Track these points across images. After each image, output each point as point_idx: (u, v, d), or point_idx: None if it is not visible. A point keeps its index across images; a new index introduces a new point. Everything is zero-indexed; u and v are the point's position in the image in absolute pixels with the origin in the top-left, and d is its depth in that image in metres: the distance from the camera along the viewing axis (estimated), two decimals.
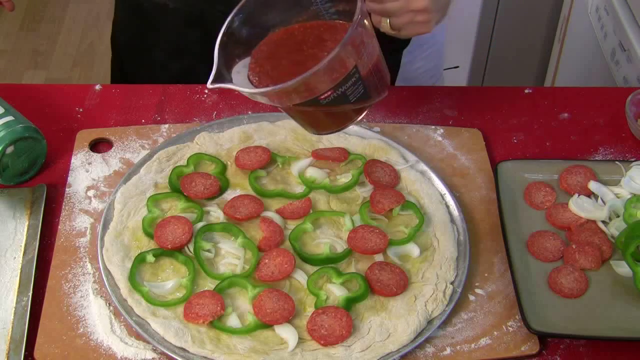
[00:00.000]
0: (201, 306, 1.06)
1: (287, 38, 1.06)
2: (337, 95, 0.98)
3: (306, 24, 1.06)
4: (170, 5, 1.44)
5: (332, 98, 0.99)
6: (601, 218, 1.20)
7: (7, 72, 3.26)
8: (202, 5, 1.42)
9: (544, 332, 1.06)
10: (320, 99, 0.98)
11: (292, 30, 1.07)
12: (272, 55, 1.05)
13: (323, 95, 0.98)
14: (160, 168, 1.24)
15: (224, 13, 1.41)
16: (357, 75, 0.98)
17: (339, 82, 0.97)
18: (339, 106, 1.01)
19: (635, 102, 1.37)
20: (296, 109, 1.04)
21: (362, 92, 1.01)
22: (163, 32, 1.50)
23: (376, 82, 1.04)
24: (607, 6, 1.99)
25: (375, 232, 1.16)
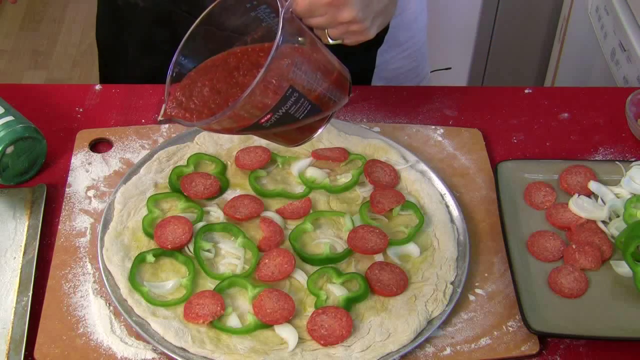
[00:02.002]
0: (201, 306, 1.06)
1: (221, 64, 1.04)
2: (279, 116, 0.96)
3: (247, 47, 1.04)
4: (140, 5, 1.47)
5: (275, 120, 0.97)
6: (601, 218, 1.20)
7: (7, 72, 3.26)
8: (169, 5, 1.44)
9: (544, 332, 1.06)
10: (260, 123, 0.97)
11: (229, 55, 1.04)
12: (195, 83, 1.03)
13: (262, 119, 0.96)
14: (160, 168, 1.24)
15: (188, 13, 1.43)
16: (297, 94, 0.96)
17: (275, 106, 0.95)
18: (288, 125, 1.00)
19: (635, 102, 1.37)
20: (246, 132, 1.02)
21: (310, 107, 0.99)
22: (135, 30, 1.53)
23: (326, 94, 1.01)
24: (607, 6, 1.99)
25: (375, 232, 1.16)
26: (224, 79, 1.02)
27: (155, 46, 1.53)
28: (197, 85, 1.02)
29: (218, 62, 1.04)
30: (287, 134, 1.04)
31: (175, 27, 1.47)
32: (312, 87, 0.98)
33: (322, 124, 1.05)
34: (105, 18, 1.59)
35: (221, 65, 1.03)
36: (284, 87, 0.94)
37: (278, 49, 0.91)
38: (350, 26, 1.06)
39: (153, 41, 1.52)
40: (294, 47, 0.96)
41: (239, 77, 1.01)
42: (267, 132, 1.01)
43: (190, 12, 1.42)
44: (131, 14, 1.50)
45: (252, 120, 0.96)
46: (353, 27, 1.06)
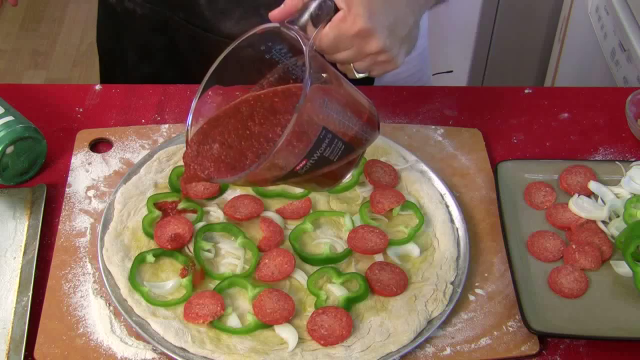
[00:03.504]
0: (201, 306, 1.06)
1: (233, 114, 1.00)
2: (314, 160, 0.93)
3: (259, 94, 1.00)
4: (138, 12, 1.48)
5: (311, 165, 0.93)
6: (601, 218, 1.20)
7: (7, 72, 3.26)
8: (166, 12, 1.45)
9: (544, 332, 1.06)
10: (296, 170, 0.93)
11: (241, 104, 1.00)
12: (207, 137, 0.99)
13: (298, 166, 0.92)
14: (160, 168, 1.24)
15: (186, 21, 1.43)
16: (330, 134, 0.92)
17: (310, 150, 0.91)
18: (323, 168, 0.95)
19: (635, 102, 1.37)
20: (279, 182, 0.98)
21: (344, 147, 0.95)
22: (134, 37, 1.54)
23: (358, 131, 0.97)
24: (607, 6, 1.99)
25: (375, 232, 1.16)
26: (235, 130, 0.98)
27: (153, 53, 1.54)
28: (209, 139, 0.98)
29: (230, 112, 1.00)
30: (320, 179, 0.99)
31: (173, 35, 1.48)
32: (344, 126, 0.95)
33: (353, 164, 1.01)
34: (105, 24, 1.60)
35: (233, 115, 0.99)
36: (318, 129, 0.90)
37: (308, 90, 0.87)
38: (378, 57, 1.03)
39: (151, 48, 1.53)
40: (321, 86, 0.93)
41: (255, 126, 0.97)
42: (300, 180, 0.97)
43: (188, 21, 1.42)
44: (130, 21, 1.51)
45: (288, 168, 0.92)
46: (381, 57, 1.03)
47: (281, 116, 0.96)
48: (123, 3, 1.49)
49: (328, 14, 0.99)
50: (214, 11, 1.38)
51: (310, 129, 0.90)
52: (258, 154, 0.94)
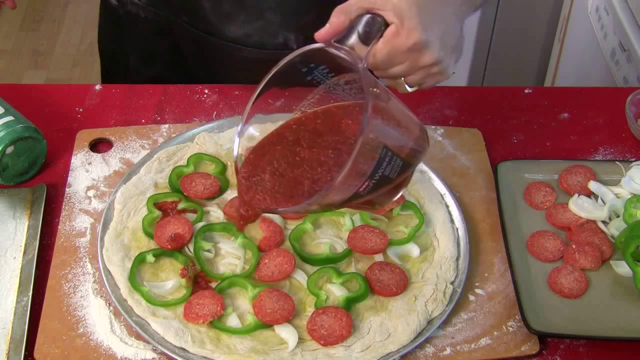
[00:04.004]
0: (201, 306, 1.06)
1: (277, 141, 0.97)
2: (376, 180, 0.91)
3: (300, 117, 0.98)
4: (141, 15, 1.47)
5: (372, 185, 0.91)
6: (601, 218, 1.20)
7: (7, 72, 3.26)
8: (170, 16, 1.45)
9: (544, 332, 1.06)
10: (359, 192, 0.91)
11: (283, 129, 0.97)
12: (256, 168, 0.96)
13: (361, 188, 0.90)
14: (160, 168, 1.24)
15: (189, 25, 1.43)
16: (390, 152, 0.90)
17: (372, 170, 0.89)
18: (383, 187, 0.94)
19: (635, 102, 1.37)
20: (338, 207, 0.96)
21: (402, 164, 0.93)
22: (136, 40, 1.54)
23: (413, 146, 0.96)
24: (607, 6, 1.99)
25: (375, 232, 1.16)
26: (284, 158, 0.95)
27: (155, 56, 1.54)
28: (258, 170, 0.96)
29: (274, 139, 0.98)
30: (378, 198, 0.97)
31: (176, 38, 1.48)
32: (401, 141, 0.94)
33: (406, 181, 0.99)
34: (107, 27, 1.60)
35: (278, 142, 0.97)
36: (379, 147, 0.89)
37: (370, 109, 0.85)
38: (431, 69, 1.02)
39: (153, 51, 1.53)
40: (378, 103, 0.91)
41: (304, 151, 0.95)
42: (359, 202, 0.95)
43: (192, 24, 1.42)
44: (132, 24, 1.50)
45: (352, 191, 0.90)
46: (434, 70, 1.03)
47: (328, 138, 0.95)
48: (126, 7, 1.49)
49: (379, 30, 0.98)
50: (218, 15, 1.38)
51: (373, 149, 0.89)
52: (314, 179, 0.92)
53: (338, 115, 0.95)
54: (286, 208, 0.93)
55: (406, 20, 0.98)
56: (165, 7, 1.45)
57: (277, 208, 0.93)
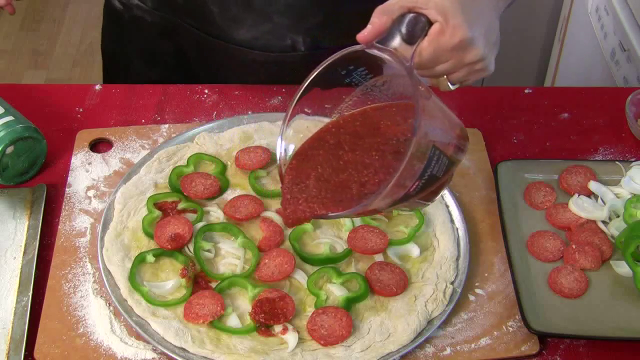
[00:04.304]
0: (201, 306, 1.06)
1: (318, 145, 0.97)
2: (425, 180, 0.91)
3: (338, 120, 0.98)
4: (147, 19, 1.47)
5: (422, 185, 0.91)
6: (601, 218, 1.20)
7: (7, 72, 3.26)
8: (176, 20, 1.45)
9: (544, 332, 1.06)
10: (409, 192, 0.91)
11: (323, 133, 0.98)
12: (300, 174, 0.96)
13: (411, 188, 0.91)
14: (160, 168, 1.24)
15: (195, 27, 1.43)
16: (438, 151, 0.91)
17: (422, 170, 0.89)
18: (430, 187, 0.94)
19: (635, 102, 1.37)
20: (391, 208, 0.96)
21: (447, 162, 0.94)
22: (140, 43, 1.54)
23: (456, 143, 0.96)
24: (607, 6, 1.99)
25: (375, 232, 1.15)
26: (328, 162, 0.96)
27: (159, 59, 1.53)
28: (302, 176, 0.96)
29: (315, 144, 0.98)
30: (424, 197, 0.97)
31: (181, 42, 1.48)
32: (445, 140, 0.94)
33: (449, 180, 0.99)
34: (110, 30, 1.59)
35: (320, 146, 0.98)
36: (429, 147, 0.89)
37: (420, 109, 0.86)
38: (475, 65, 1.03)
39: (157, 54, 1.53)
40: (426, 103, 0.91)
41: (347, 154, 0.95)
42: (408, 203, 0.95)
43: (199, 28, 1.42)
44: (137, 27, 1.50)
45: (403, 192, 0.90)
46: (477, 66, 1.03)
47: (369, 140, 0.95)
48: (131, 10, 1.48)
49: (423, 29, 0.98)
50: (226, 19, 1.38)
51: (424, 148, 0.89)
52: (362, 182, 0.92)
53: (376, 117, 0.96)
54: (337, 213, 0.92)
55: (451, 18, 0.98)
56: (171, 11, 1.44)
57: (327, 213, 0.93)
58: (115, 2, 1.50)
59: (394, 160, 0.90)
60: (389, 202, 0.91)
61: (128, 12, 1.49)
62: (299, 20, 1.36)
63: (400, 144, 0.92)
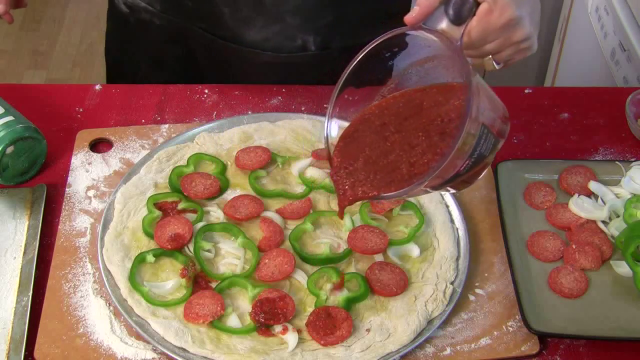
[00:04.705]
0: (201, 306, 1.06)
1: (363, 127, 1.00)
2: (474, 159, 0.94)
3: (380, 103, 1.01)
4: (156, 22, 1.46)
5: (471, 164, 0.94)
6: (601, 218, 1.20)
7: (7, 72, 3.26)
8: (185, 23, 1.44)
9: (544, 332, 1.06)
10: (459, 172, 0.94)
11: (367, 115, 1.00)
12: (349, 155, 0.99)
13: (462, 167, 0.93)
14: (160, 168, 1.24)
15: (205, 30, 1.42)
16: (486, 130, 0.93)
17: (473, 149, 0.92)
18: (477, 166, 0.96)
19: (635, 102, 1.37)
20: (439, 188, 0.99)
21: (494, 141, 0.96)
22: (146, 47, 1.53)
23: (501, 122, 0.98)
24: (607, 6, 1.99)
25: (375, 232, 1.15)
26: (375, 144, 0.98)
27: (166, 63, 1.53)
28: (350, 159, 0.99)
29: (360, 126, 1.00)
30: (469, 178, 0.99)
31: (189, 44, 1.47)
32: (492, 119, 0.95)
33: (490, 160, 1.00)
34: (115, 35, 1.58)
35: (366, 129, 1.00)
36: (479, 126, 0.91)
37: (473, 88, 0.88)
38: (521, 44, 1.04)
39: (164, 58, 1.52)
40: (475, 82, 0.93)
41: (393, 136, 0.97)
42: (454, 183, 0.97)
43: (209, 30, 1.41)
44: (143, 31, 1.49)
45: (454, 171, 0.92)
46: (524, 45, 1.04)
47: (414, 121, 0.97)
48: (138, 14, 1.47)
49: (470, 9, 0.99)
50: (237, 20, 1.37)
51: (475, 127, 0.91)
52: (411, 163, 0.94)
53: (418, 99, 0.98)
54: (390, 194, 0.94)
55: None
56: (180, 13, 1.43)
57: (379, 194, 0.95)
58: (121, 6, 1.49)
59: (441, 141, 0.92)
60: (440, 181, 0.93)
61: (135, 16, 1.48)
62: (310, 20, 1.37)
63: (445, 125, 0.93)
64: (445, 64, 0.98)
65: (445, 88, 0.97)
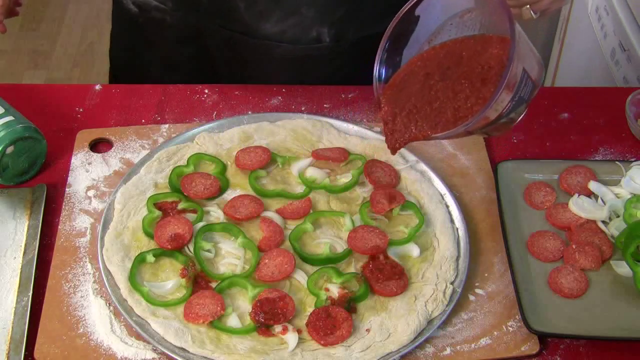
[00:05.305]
0: (201, 306, 1.06)
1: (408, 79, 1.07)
2: (515, 102, 1.00)
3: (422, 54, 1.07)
4: (168, 20, 1.45)
5: (511, 107, 1.00)
6: (601, 218, 1.20)
7: (7, 72, 3.25)
8: (201, 20, 1.42)
9: (544, 332, 1.06)
10: (502, 114, 1.00)
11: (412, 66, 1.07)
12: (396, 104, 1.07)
13: (504, 109, 0.99)
14: (160, 168, 1.24)
15: (222, 27, 1.42)
16: (525, 75, 0.99)
17: (514, 93, 0.99)
18: (517, 108, 1.02)
19: (635, 102, 1.37)
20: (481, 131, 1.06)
21: (532, 85, 1.02)
22: (158, 48, 1.51)
23: (538, 68, 1.03)
24: (607, 6, 1.99)
25: (375, 232, 1.15)
26: (420, 93, 1.05)
27: (180, 63, 1.51)
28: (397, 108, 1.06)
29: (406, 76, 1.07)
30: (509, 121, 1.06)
31: (203, 42, 1.45)
32: (530, 65, 1.01)
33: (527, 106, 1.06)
34: (123, 36, 1.55)
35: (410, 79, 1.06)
36: (520, 70, 0.97)
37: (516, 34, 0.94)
38: None
39: (178, 59, 1.50)
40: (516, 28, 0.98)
41: (437, 84, 1.04)
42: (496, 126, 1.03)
43: (224, 26, 1.41)
44: (155, 31, 1.47)
45: (497, 113, 0.99)
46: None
47: (456, 70, 1.04)
48: (149, 13, 1.45)
49: None
50: (253, 14, 1.37)
51: (517, 72, 0.97)
52: (455, 107, 1.01)
53: (458, 49, 1.05)
54: (436, 135, 1.02)
55: None
56: (194, 10, 1.42)
57: (429, 134, 1.03)
58: (129, 6, 1.46)
59: (482, 86, 1.00)
60: (483, 124, 1.00)
61: (145, 16, 1.45)
62: (325, 12, 1.37)
63: (485, 72, 1.01)
64: (484, 15, 1.04)
65: (482, 39, 1.04)
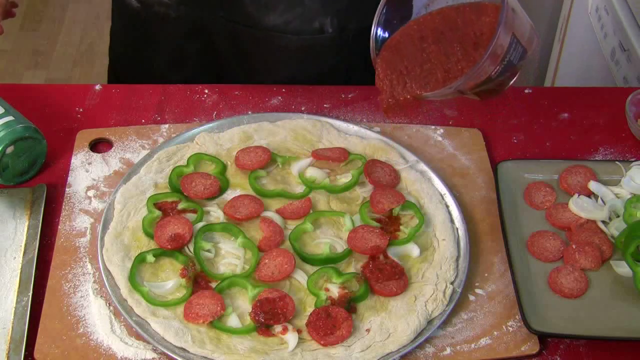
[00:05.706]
0: (201, 306, 1.06)
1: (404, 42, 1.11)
2: (504, 65, 1.03)
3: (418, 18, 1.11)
4: (172, 15, 1.43)
5: (500, 70, 1.03)
6: (601, 218, 1.20)
7: (7, 72, 3.25)
8: (205, 13, 1.42)
9: (544, 332, 1.06)
10: (491, 76, 1.03)
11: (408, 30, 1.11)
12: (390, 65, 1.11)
13: (493, 72, 1.03)
14: (160, 168, 1.24)
15: (226, 19, 1.42)
16: (515, 40, 1.02)
17: (503, 56, 1.02)
18: (506, 72, 1.05)
19: (635, 102, 1.37)
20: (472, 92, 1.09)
21: (522, 50, 1.05)
22: (162, 44, 1.50)
23: (529, 34, 1.06)
24: (607, 6, 1.99)
25: (375, 232, 1.15)
26: (413, 55, 1.09)
27: (185, 59, 1.50)
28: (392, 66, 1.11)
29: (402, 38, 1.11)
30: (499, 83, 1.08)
31: (210, 36, 1.45)
32: (521, 30, 1.04)
33: (519, 70, 1.09)
34: (124, 33, 1.54)
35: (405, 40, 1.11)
36: (509, 35, 1.01)
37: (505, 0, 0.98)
38: None
39: (183, 54, 1.49)
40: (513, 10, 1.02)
41: (430, 46, 1.09)
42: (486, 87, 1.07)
43: (229, 18, 1.41)
44: (159, 27, 1.46)
45: (486, 74, 1.02)
46: None
47: (450, 34, 1.08)
48: (152, 7, 1.44)
49: None
50: (258, 5, 1.37)
51: (506, 35, 1.01)
52: (446, 69, 1.06)
53: (453, 15, 1.08)
54: (426, 93, 1.07)
55: None
56: (198, 3, 1.41)
57: (421, 93, 1.07)
58: (131, 1, 1.45)
59: (474, 50, 1.04)
60: (473, 84, 1.04)
61: (147, 10, 1.45)
62: (328, 3, 1.38)
63: (478, 38, 1.04)
64: None
65: (477, 6, 1.07)
